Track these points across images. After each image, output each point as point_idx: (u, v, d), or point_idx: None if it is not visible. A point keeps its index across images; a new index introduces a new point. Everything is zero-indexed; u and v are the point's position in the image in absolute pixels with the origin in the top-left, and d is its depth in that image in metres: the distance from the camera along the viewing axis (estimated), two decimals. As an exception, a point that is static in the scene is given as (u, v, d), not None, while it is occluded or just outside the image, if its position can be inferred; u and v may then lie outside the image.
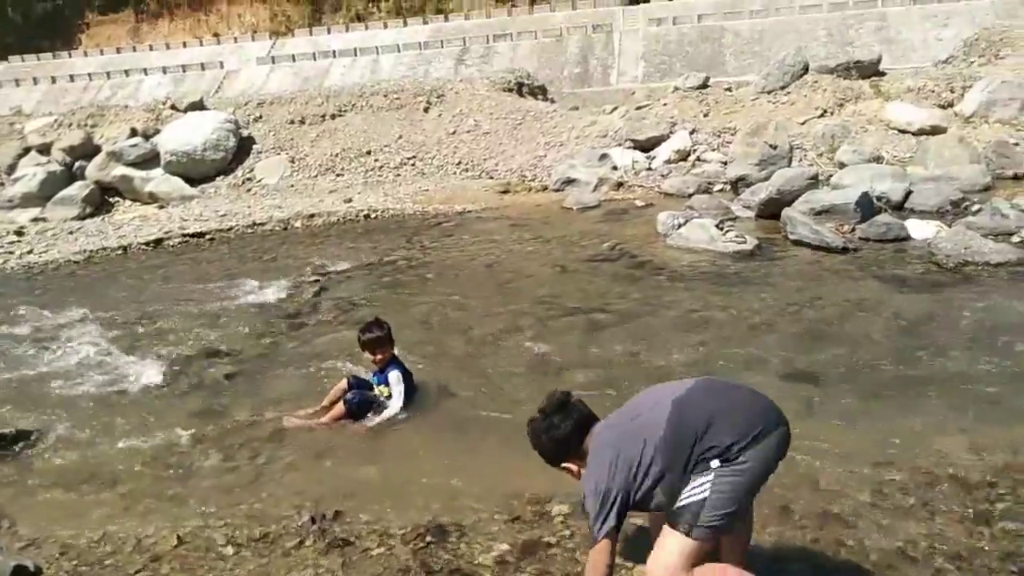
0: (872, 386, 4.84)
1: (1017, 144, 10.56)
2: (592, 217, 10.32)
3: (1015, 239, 7.33)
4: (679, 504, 2.51)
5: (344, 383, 5.01)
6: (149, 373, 5.72)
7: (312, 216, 10.90)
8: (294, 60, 24.65)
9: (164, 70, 25.34)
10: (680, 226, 8.57)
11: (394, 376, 4.91)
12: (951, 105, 11.92)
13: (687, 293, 6.92)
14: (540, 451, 2.86)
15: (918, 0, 20.31)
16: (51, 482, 4.32)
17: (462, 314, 6.82)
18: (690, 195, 10.52)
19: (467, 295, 7.35)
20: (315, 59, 24.39)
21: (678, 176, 11.49)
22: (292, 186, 13.18)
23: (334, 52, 24.42)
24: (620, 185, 11.52)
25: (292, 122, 14.56)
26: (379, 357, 4.88)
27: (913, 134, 11.33)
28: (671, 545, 2.50)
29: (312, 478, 4.21)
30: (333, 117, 14.68)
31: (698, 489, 2.48)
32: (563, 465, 2.84)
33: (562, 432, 2.77)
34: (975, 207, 8.28)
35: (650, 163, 12.28)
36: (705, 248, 8.01)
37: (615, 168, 12.11)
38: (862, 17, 20.48)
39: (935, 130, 11.24)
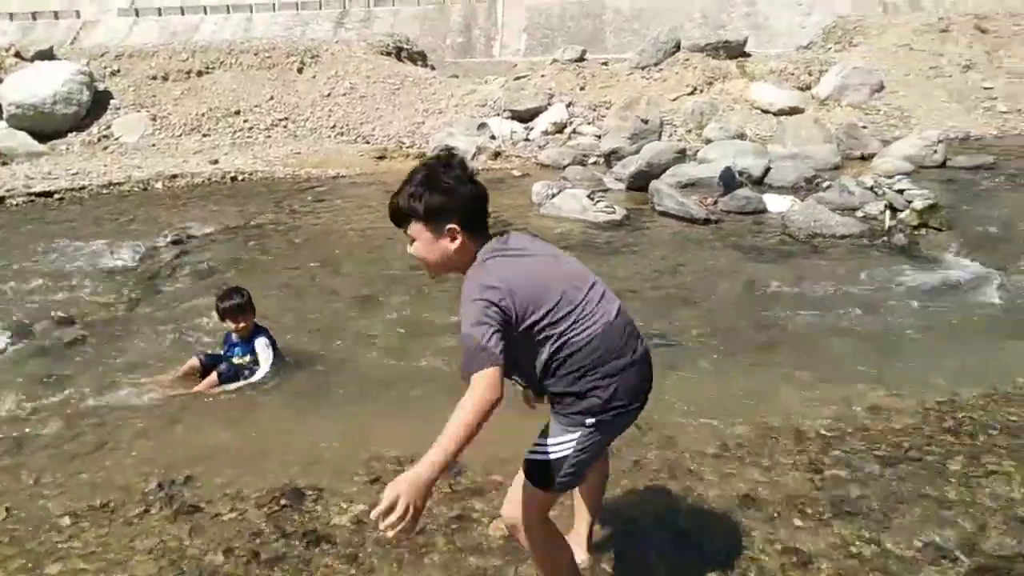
0: (726, 348, 5.09)
1: (865, 127, 11.33)
2: (468, 185, 10.27)
3: (859, 214, 7.86)
4: (534, 453, 2.38)
5: (195, 361, 4.80)
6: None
7: (174, 177, 10.32)
8: (160, 14, 23.11)
9: (11, 16, 23.20)
10: (553, 196, 8.68)
11: (261, 343, 4.75)
12: (809, 88, 12.62)
13: (558, 260, 7.03)
14: (415, 194, 2.22)
15: (785, -13, 21.33)
16: None
17: (331, 280, 6.68)
18: (565, 166, 10.66)
19: (337, 261, 7.19)
20: (183, 14, 22.97)
21: (554, 148, 11.62)
22: (154, 145, 12.42)
23: (205, 8, 23.10)
24: (498, 155, 11.54)
25: (154, 78, 13.68)
26: (242, 325, 4.70)
27: (774, 114, 11.93)
28: (528, 496, 2.39)
29: (163, 445, 4.02)
30: (200, 74, 13.90)
31: (563, 445, 2.31)
32: (452, 227, 2.22)
33: (462, 192, 2.22)
34: (826, 184, 8.82)
35: (528, 134, 12.36)
36: (576, 218, 8.16)
37: (493, 138, 12.12)
38: (733, 2, 21.30)
39: (794, 111, 11.88)
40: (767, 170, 9.42)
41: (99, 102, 13.12)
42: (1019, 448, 3.68)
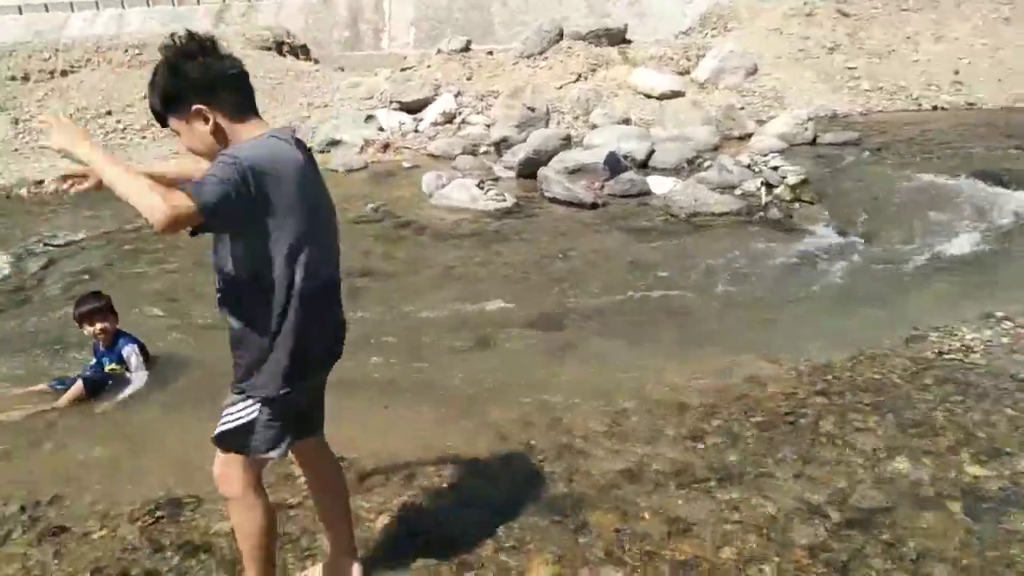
0: (611, 327, 5.21)
1: (742, 108, 11.77)
2: (358, 179, 10.13)
3: (737, 191, 8.16)
4: (222, 424, 2.27)
5: (43, 386, 4.54)
6: None
7: (41, 183, 9.71)
8: (20, 12, 21.70)
9: None
10: (444, 186, 8.65)
11: (128, 350, 4.54)
12: (688, 72, 13.01)
13: (448, 251, 7.02)
14: (210, 58, 2.06)
15: (664, -24, 21.89)
16: None
17: (207, 281, 6.41)
18: (456, 156, 10.64)
19: (219, 262, 6.93)
20: (47, 10, 21.63)
21: (444, 138, 11.57)
22: (16, 149, 11.62)
23: (72, 4, 21.81)
24: (387, 147, 11.39)
25: (14, 78, 12.81)
26: (99, 328, 4.47)
27: (656, 98, 12.23)
28: (225, 460, 2.32)
29: (28, 465, 3.79)
30: (64, 74, 13.12)
31: (245, 411, 2.24)
32: (200, 108, 2.05)
33: (232, 68, 2.09)
34: (706, 164, 9.13)
35: (417, 125, 12.25)
36: (467, 207, 8.16)
37: (381, 130, 11.96)
38: (617, -11, 21.70)
39: (675, 95, 12.21)
40: (651, 153, 9.65)
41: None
42: (881, 404, 3.90)
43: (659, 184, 8.54)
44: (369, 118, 12.15)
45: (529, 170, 9.29)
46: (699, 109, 11.16)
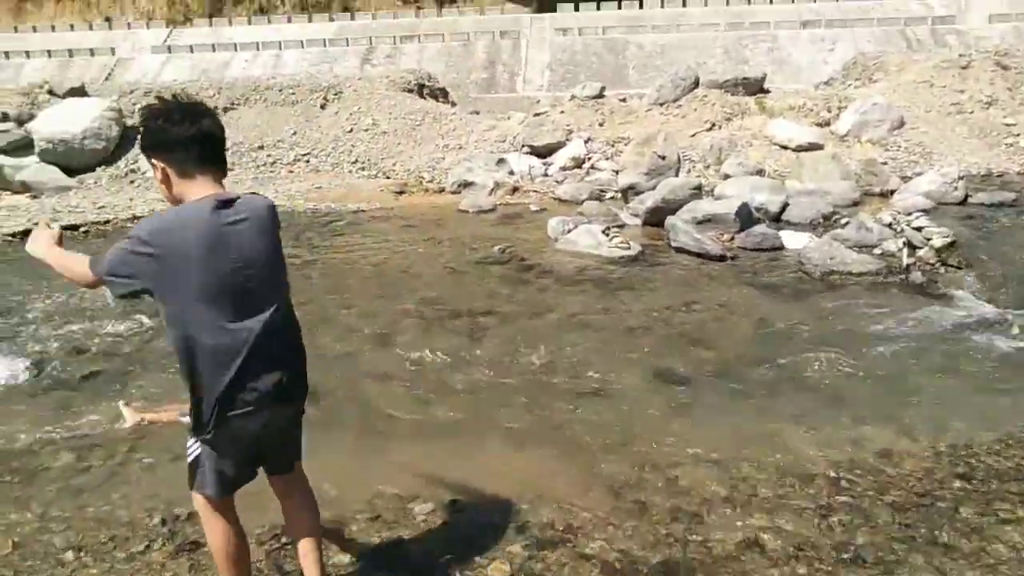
0: (734, 387, 5.05)
1: (885, 163, 11.27)
2: (486, 220, 10.37)
3: (876, 251, 7.79)
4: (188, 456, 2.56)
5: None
6: (6, 371, 5.38)
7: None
8: (192, 51, 23.77)
9: (48, 53, 23.95)
10: (569, 231, 8.72)
11: None
12: (828, 124, 12.61)
13: (570, 296, 7.04)
14: (167, 123, 2.37)
15: (808, 24, 21.47)
16: None
17: (343, 314, 6.72)
18: (583, 201, 10.71)
19: (351, 295, 7.25)
20: (214, 51, 23.60)
21: (572, 183, 11.69)
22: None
23: (235, 45, 23.70)
24: (516, 189, 11.62)
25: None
26: None
27: (793, 150, 11.91)
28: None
29: (169, 479, 4.02)
30: (225, 110, 14.20)
31: (192, 448, 2.53)
32: (155, 162, 2.41)
33: (184, 133, 2.35)
34: (843, 220, 8.77)
35: (546, 169, 12.45)
36: (591, 253, 8.18)
37: (512, 173, 12.22)
38: (756, 38, 21.48)
39: (812, 147, 11.85)
40: (784, 206, 9.38)
41: (127, 137, 13.42)
42: (1033, 495, 3.60)
43: (792, 239, 8.27)
44: (500, 161, 12.45)
45: (656, 218, 9.22)
46: (839, 163, 10.76)
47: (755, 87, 13.73)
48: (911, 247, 7.55)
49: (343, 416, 4.75)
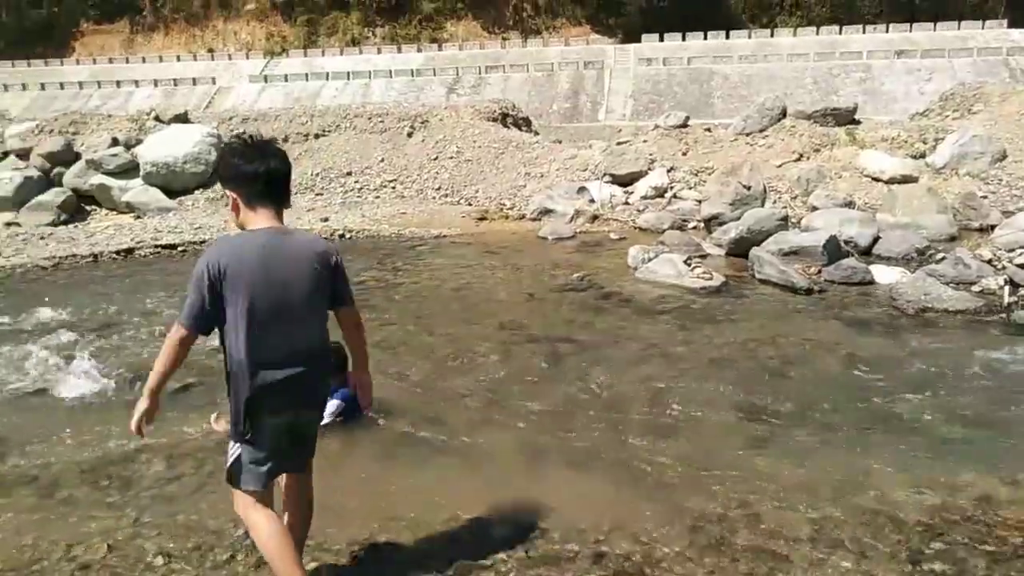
0: (821, 425, 4.88)
1: (985, 197, 10.78)
2: (566, 247, 10.39)
3: (975, 288, 7.45)
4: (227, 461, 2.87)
5: None
6: (106, 380, 5.67)
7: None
8: (286, 80, 24.80)
9: (155, 83, 25.39)
10: (649, 260, 8.64)
11: (332, 405, 4.81)
12: (923, 156, 12.16)
13: (650, 326, 6.97)
14: (240, 160, 2.76)
15: (903, 54, 20.87)
16: (-11, 486, 4.26)
17: (424, 336, 6.82)
18: (664, 231, 10.62)
19: (433, 318, 7.35)
20: (307, 80, 24.56)
21: (653, 212, 11.60)
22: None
23: (327, 74, 24.61)
24: (596, 218, 11.62)
25: (275, 140, 14.54)
26: None
27: (885, 182, 11.53)
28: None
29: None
30: (317, 137, 14.73)
31: (232, 450, 2.84)
32: (227, 191, 2.83)
33: (253, 169, 2.72)
34: (939, 255, 8.42)
35: (628, 198, 12.40)
36: (672, 283, 8.08)
37: (592, 201, 12.22)
38: (847, 68, 21.03)
39: (906, 179, 11.44)
40: (875, 240, 9.08)
41: (225, 162, 14.04)
42: None
43: (884, 274, 7.98)
44: (581, 189, 12.48)
45: (740, 249, 9.06)
46: (934, 196, 10.33)
47: (846, 118, 13.38)
48: (1013, 285, 7.18)
49: (420, 437, 4.80)
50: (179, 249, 10.20)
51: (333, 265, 2.86)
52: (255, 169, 2.70)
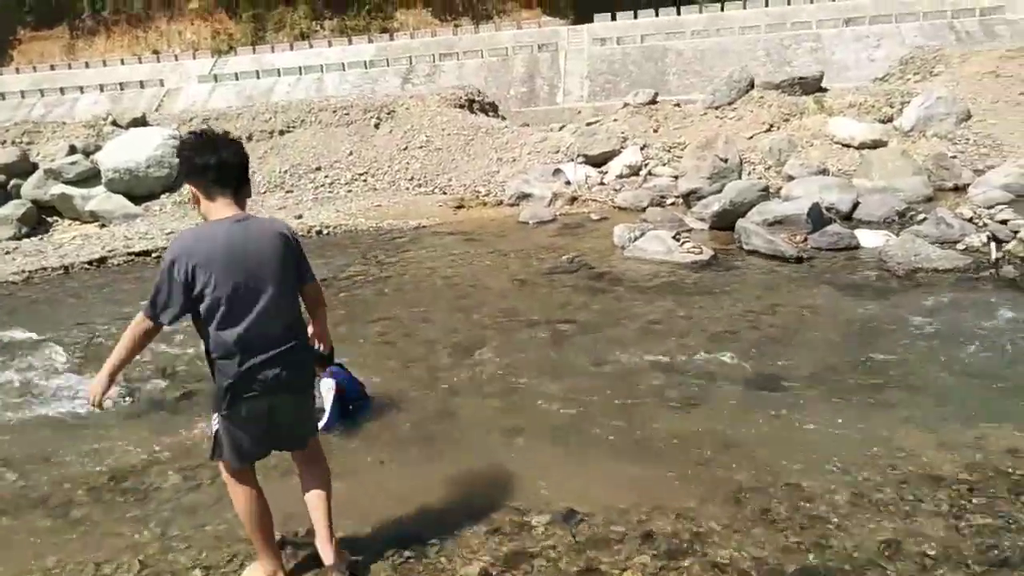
0: (836, 390, 4.90)
1: (955, 157, 10.98)
2: (548, 231, 10.33)
3: (960, 246, 7.56)
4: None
5: None
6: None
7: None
8: (237, 78, 24.25)
9: (101, 88, 24.64)
10: (636, 238, 8.63)
11: (325, 385, 4.70)
12: (890, 120, 12.33)
13: (647, 304, 6.95)
14: (192, 153, 2.85)
15: (851, 22, 21.13)
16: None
17: (422, 327, 6.72)
18: (644, 208, 10.62)
19: (426, 309, 7.24)
20: (259, 77, 24.06)
21: (630, 190, 11.60)
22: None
23: (278, 70, 24.13)
24: (574, 199, 11.57)
25: (239, 139, 14.20)
26: None
27: (856, 148, 11.67)
28: None
29: (280, 496, 4.00)
30: (281, 133, 14.43)
31: (213, 422, 2.97)
32: (188, 185, 2.93)
33: (204, 161, 2.81)
34: (920, 216, 8.54)
35: (603, 178, 12.38)
36: (662, 259, 8.07)
37: (568, 183, 12.17)
38: (798, 38, 21.20)
39: (876, 144, 11.59)
40: (855, 205, 9.19)
41: (189, 164, 13.67)
42: None
43: (869, 238, 8.08)
44: (556, 172, 12.42)
45: (724, 222, 9.10)
46: (907, 158, 10.49)
47: (812, 87, 13.50)
48: (997, 241, 7.32)
49: (440, 430, 4.72)
50: (153, 256, 9.89)
51: (295, 243, 2.99)
52: (206, 161, 2.80)
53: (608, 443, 4.39)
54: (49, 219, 12.78)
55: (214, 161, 2.80)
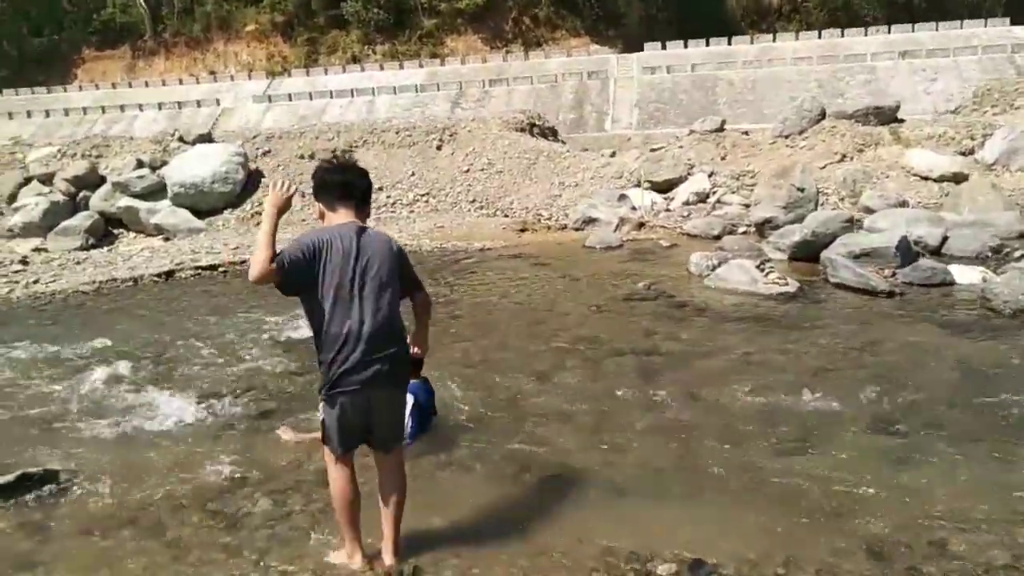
0: (962, 435, 4.56)
1: (1047, 191, 10.53)
2: (617, 256, 10.08)
3: (1066, 286, 7.14)
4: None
5: None
6: (181, 411, 5.32)
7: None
8: (291, 99, 24.59)
9: (159, 106, 25.15)
10: (715, 267, 8.35)
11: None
12: (971, 152, 11.91)
13: (737, 335, 6.65)
14: (324, 173, 3.27)
15: (907, 55, 20.72)
16: (85, 528, 3.90)
17: (503, 353, 6.49)
18: (715, 236, 10.35)
19: (503, 334, 7.03)
20: (311, 98, 24.37)
21: (700, 217, 11.33)
22: (303, 220, 12.82)
23: (331, 92, 24.42)
24: (642, 225, 11.34)
25: (301, 157, 14.27)
26: None
27: (935, 180, 11.27)
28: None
29: (376, 525, 3.80)
30: (344, 153, 14.43)
31: (320, 411, 3.25)
32: (318, 203, 3.31)
33: (332, 179, 3.24)
34: (1017, 253, 8.13)
35: (668, 204, 12.14)
36: (746, 290, 7.78)
37: (634, 208, 11.95)
38: (852, 70, 20.89)
39: (957, 177, 11.18)
40: (944, 239, 8.80)
41: (251, 180, 13.75)
42: None
43: (964, 274, 7.70)
44: (622, 197, 12.20)
45: (804, 253, 8.78)
46: (998, 192, 10.07)
47: (888, 117, 13.13)
48: (1108, 281, 6.88)
49: (535, 462, 4.46)
50: (220, 270, 9.86)
51: (402, 252, 3.34)
52: (333, 179, 3.24)
53: (721, 485, 4.10)
54: (115, 231, 12.87)
55: (340, 179, 3.24)
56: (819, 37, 23.12)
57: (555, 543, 3.55)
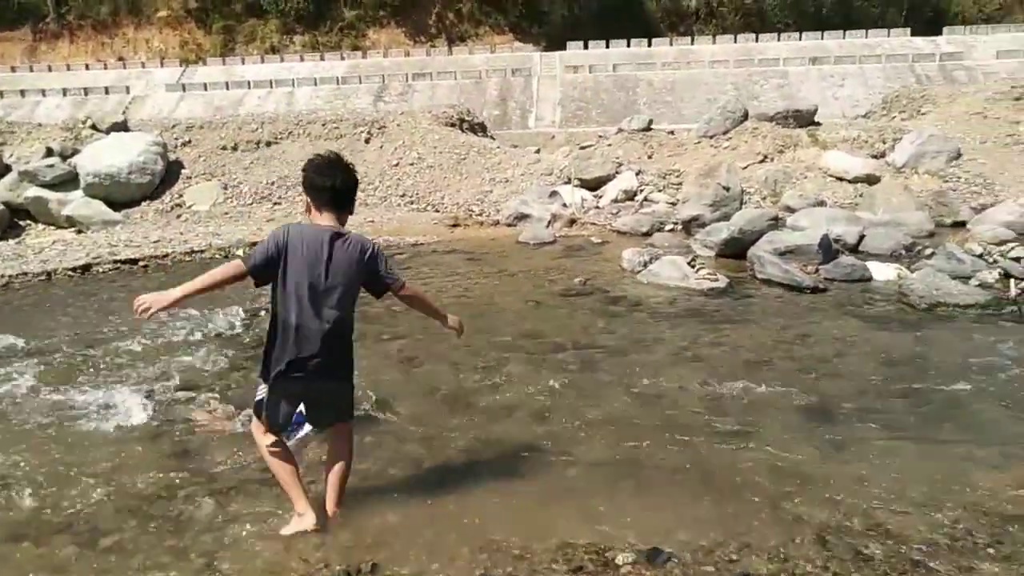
0: (888, 424, 4.78)
1: (954, 190, 11.16)
2: (551, 252, 10.16)
3: (973, 282, 7.60)
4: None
5: None
6: (112, 410, 5.07)
7: (254, 244, 10.25)
8: (206, 88, 23.74)
9: (64, 92, 23.85)
10: (648, 263, 8.51)
11: None
12: (883, 155, 12.52)
13: (673, 329, 6.81)
14: (316, 174, 3.41)
15: (817, 61, 21.66)
16: (18, 533, 3.69)
17: (443, 348, 6.43)
18: (644, 233, 10.55)
19: (443, 329, 6.95)
20: (228, 88, 23.58)
21: (629, 215, 11.52)
22: (226, 213, 12.43)
23: (249, 82, 23.70)
24: (573, 222, 11.45)
25: (224, 148, 13.80)
26: None
27: (850, 181, 11.80)
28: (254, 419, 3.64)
29: (331, 525, 3.72)
30: (268, 144, 14.05)
31: (260, 390, 3.50)
32: (306, 196, 3.52)
33: (322, 182, 3.38)
34: (928, 251, 8.59)
35: (598, 202, 12.29)
36: (678, 285, 7.96)
37: (565, 205, 12.06)
38: (766, 74, 21.66)
39: (870, 178, 11.74)
40: (861, 237, 9.22)
41: (171, 171, 13.22)
42: None
43: (881, 270, 8.09)
44: (553, 194, 12.30)
45: (731, 250, 9.05)
46: (909, 194, 10.62)
47: (807, 120, 13.66)
48: (1013, 278, 7.36)
49: (488, 458, 4.45)
50: (140, 264, 9.45)
51: (374, 259, 3.47)
52: (324, 183, 3.37)
53: (669, 476, 4.18)
54: (21, 223, 12.16)
55: (330, 185, 3.36)
56: (735, 41, 23.86)
57: (512, 537, 3.55)
